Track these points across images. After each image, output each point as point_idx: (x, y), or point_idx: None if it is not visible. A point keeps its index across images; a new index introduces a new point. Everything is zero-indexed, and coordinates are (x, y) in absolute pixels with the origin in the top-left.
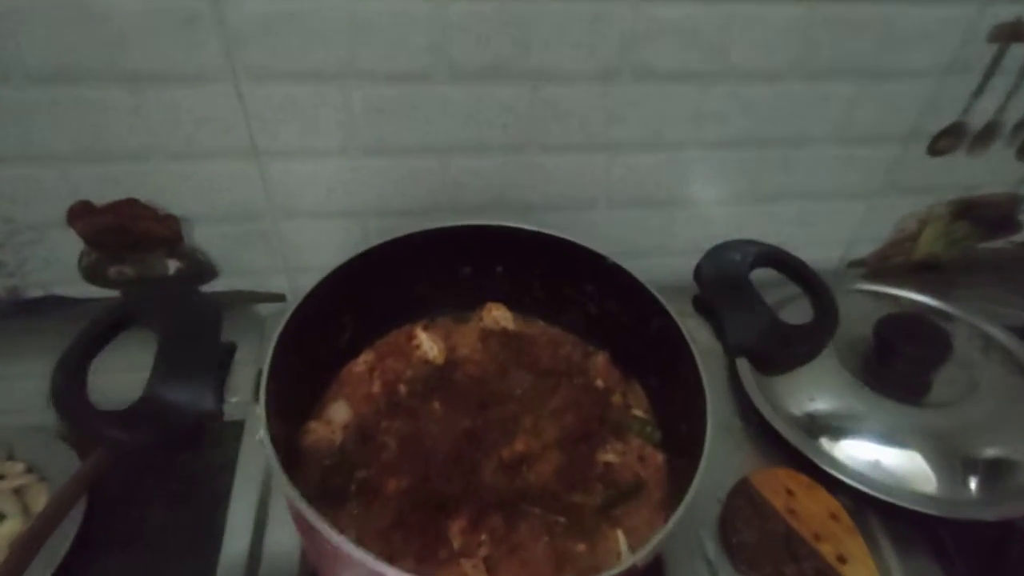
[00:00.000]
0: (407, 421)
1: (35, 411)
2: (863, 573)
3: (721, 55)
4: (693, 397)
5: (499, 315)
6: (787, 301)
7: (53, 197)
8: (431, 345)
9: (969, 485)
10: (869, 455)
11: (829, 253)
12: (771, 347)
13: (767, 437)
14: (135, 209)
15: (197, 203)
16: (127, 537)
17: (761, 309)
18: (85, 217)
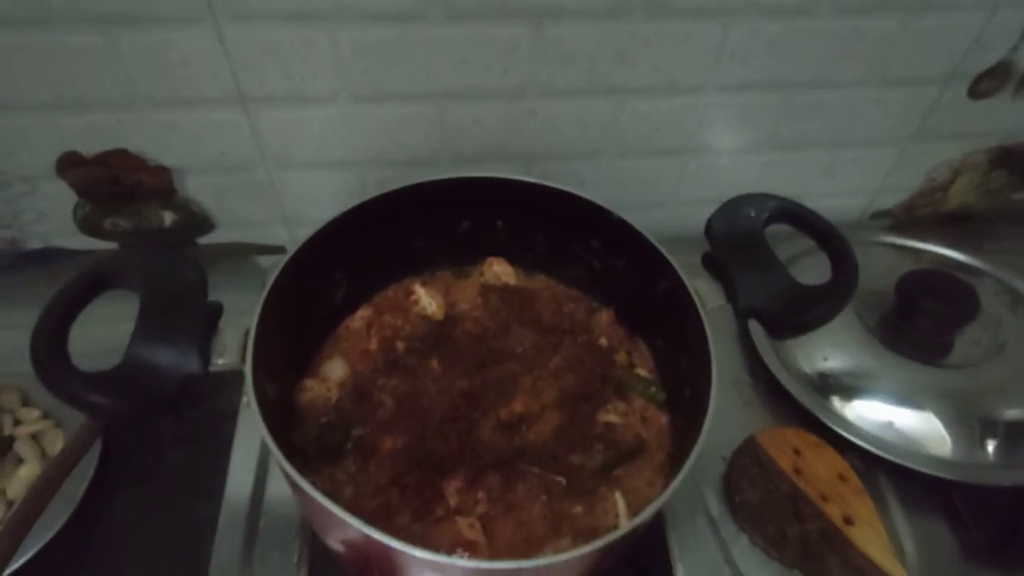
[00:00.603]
0: (404, 379)
1: None
2: (870, 535)
3: None
4: (699, 360)
5: (500, 270)
6: (804, 254)
7: (40, 148)
8: (430, 301)
9: (986, 449)
10: (882, 416)
11: (852, 203)
12: (784, 310)
13: (777, 395)
14: (125, 160)
15: (186, 153)
16: (140, 478)
17: (775, 269)
18: (75, 168)
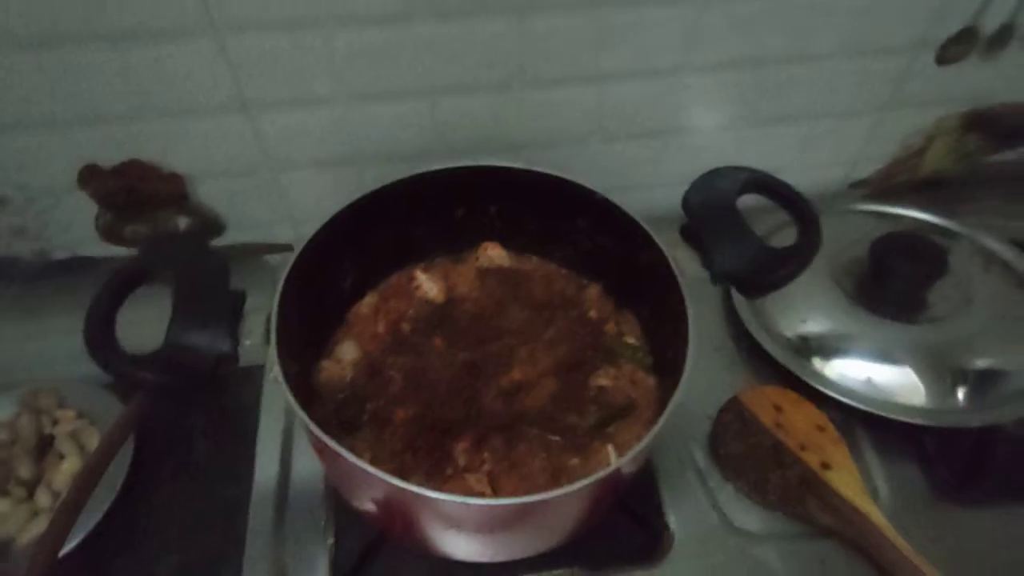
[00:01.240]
0: (412, 356)
1: (79, 363)
2: (846, 479)
3: None
4: (679, 324)
5: (494, 254)
6: (785, 226)
7: (60, 162)
8: (431, 285)
9: (957, 395)
10: (861, 373)
11: (831, 174)
12: (755, 272)
13: (759, 358)
14: (140, 169)
15: (196, 159)
16: (174, 468)
17: (747, 235)
18: (94, 180)
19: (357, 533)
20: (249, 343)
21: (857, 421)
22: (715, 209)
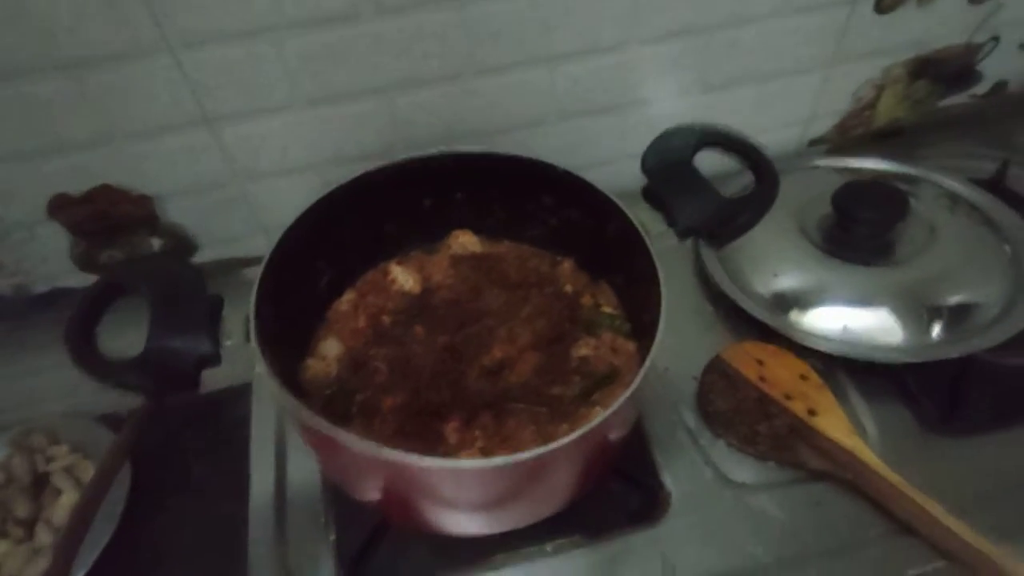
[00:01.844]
0: (394, 347)
1: (70, 397)
2: (833, 422)
3: None
4: (652, 287)
5: (466, 240)
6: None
7: (30, 193)
8: (407, 278)
9: (932, 331)
10: (837, 320)
11: (788, 135)
12: (718, 224)
13: (737, 317)
14: (110, 194)
15: (163, 179)
16: (171, 491)
17: (705, 190)
18: (65, 208)
19: (358, 524)
20: (230, 343)
21: (839, 367)
22: (672, 166)
